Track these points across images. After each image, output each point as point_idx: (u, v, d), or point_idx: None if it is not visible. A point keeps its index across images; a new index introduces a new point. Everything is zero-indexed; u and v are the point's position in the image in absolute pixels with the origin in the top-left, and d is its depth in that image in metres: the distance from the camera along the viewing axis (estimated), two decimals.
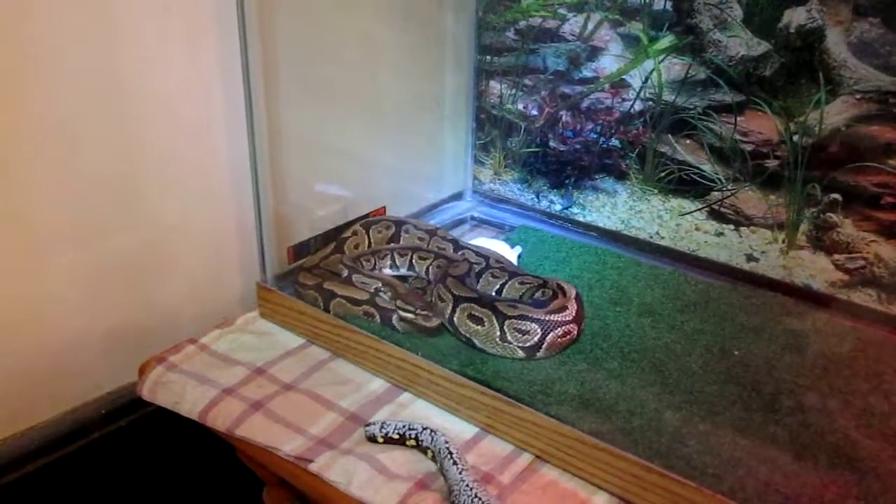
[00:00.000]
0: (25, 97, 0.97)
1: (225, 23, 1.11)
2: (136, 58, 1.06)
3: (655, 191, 1.38)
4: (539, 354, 1.04)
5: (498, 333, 1.03)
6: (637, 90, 1.34)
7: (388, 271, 1.23)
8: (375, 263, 1.22)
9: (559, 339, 1.04)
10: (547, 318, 1.03)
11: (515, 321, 1.03)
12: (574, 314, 1.06)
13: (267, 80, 1.12)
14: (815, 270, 1.24)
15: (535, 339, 1.03)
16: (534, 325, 1.03)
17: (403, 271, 1.25)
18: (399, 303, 1.07)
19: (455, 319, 1.07)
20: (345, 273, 1.16)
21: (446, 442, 0.89)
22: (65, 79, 1.00)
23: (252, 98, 1.10)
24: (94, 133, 1.05)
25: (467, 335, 1.06)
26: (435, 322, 1.03)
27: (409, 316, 1.05)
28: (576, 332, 1.06)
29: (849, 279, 1.22)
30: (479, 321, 1.05)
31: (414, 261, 1.24)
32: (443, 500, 0.85)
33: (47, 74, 0.98)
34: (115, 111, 1.06)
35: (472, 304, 1.06)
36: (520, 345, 1.03)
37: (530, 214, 1.56)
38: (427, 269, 1.23)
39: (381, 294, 1.11)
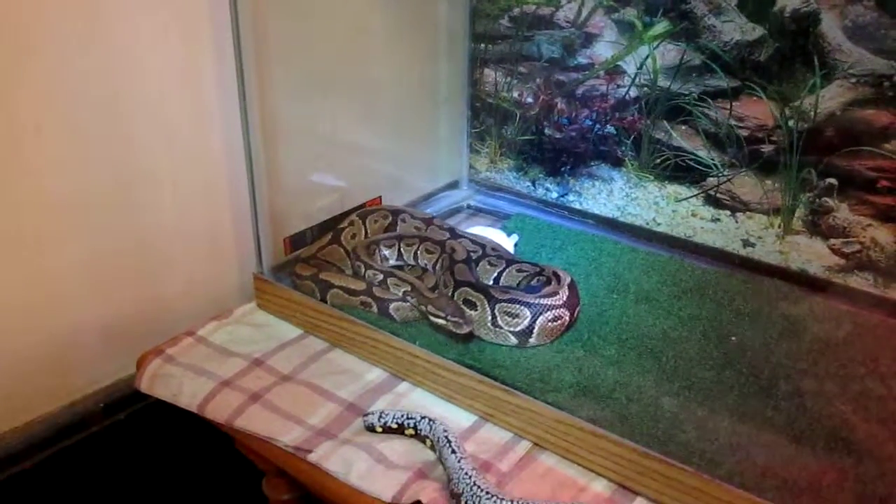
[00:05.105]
0: (23, 96, 0.97)
1: (218, 13, 1.10)
2: (131, 51, 1.06)
3: (651, 177, 1.38)
4: (532, 340, 1.04)
5: (489, 317, 1.04)
6: (632, 77, 1.34)
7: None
8: (365, 258, 1.21)
9: (549, 324, 1.04)
10: (536, 302, 1.03)
11: (506, 304, 1.03)
12: (565, 299, 1.06)
13: (260, 71, 1.11)
14: (812, 255, 1.25)
15: (525, 323, 1.03)
16: (523, 308, 1.03)
17: (393, 261, 1.25)
18: (430, 308, 1.05)
19: None
20: (380, 277, 1.14)
21: (445, 430, 0.90)
22: (59, 73, 0.99)
23: (246, 89, 1.09)
24: (92, 128, 1.04)
25: None
26: (466, 329, 1.01)
27: (441, 322, 1.04)
28: (568, 318, 1.06)
29: (845, 263, 1.22)
30: (472, 305, 1.05)
31: (402, 248, 1.24)
32: (442, 488, 0.85)
33: (44, 71, 0.98)
34: (109, 106, 1.06)
35: (468, 289, 1.07)
36: (510, 329, 1.03)
37: (526, 202, 1.55)
38: (415, 254, 1.23)
39: (409, 298, 1.10)
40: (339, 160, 1.38)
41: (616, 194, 1.43)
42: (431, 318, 1.05)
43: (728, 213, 1.31)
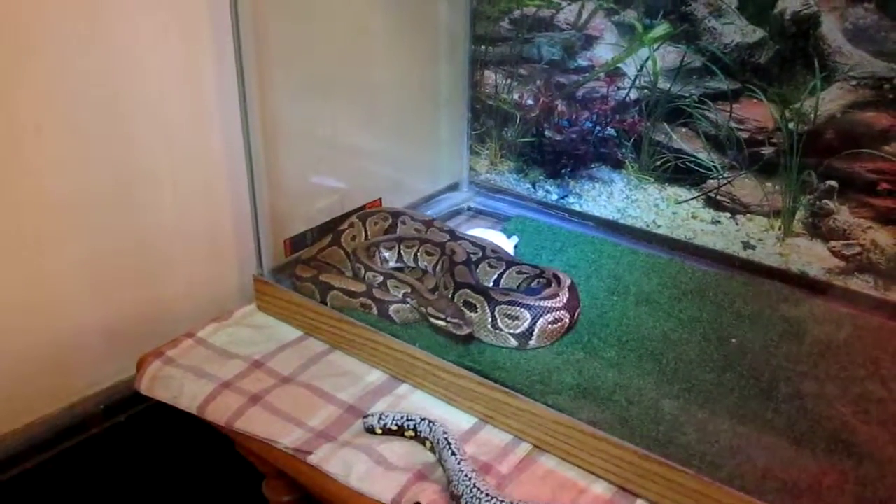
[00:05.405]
0: (23, 96, 0.97)
1: (218, 14, 1.10)
2: (131, 52, 1.06)
3: (652, 179, 1.38)
4: (532, 343, 1.04)
5: (490, 319, 1.04)
6: (632, 79, 1.34)
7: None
8: (365, 260, 1.21)
9: (550, 327, 1.04)
10: (536, 304, 1.03)
11: (506, 307, 1.03)
12: (565, 302, 1.06)
13: (261, 72, 1.11)
14: (812, 257, 1.25)
15: (525, 325, 1.03)
16: (523, 310, 1.03)
17: (393, 263, 1.25)
18: (430, 310, 1.05)
19: None
20: (379, 279, 1.14)
21: (445, 432, 0.90)
22: (59, 73, 0.99)
23: (246, 90, 1.09)
24: (92, 128, 1.04)
25: None
26: (466, 330, 1.01)
27: (441, 324, 1.03)
28: (568, 321, 1.06)
29: (845, 266, 1.22)
30: (472, 307, 1.05)
31: (402, 250, 1.24)
32: (442, 490, 0.85)
33: (44, 71, 0.98)
34: (109, 107, 1.06)
35: (468, 290, 1.07)
36: (511, 331, 1.03)
37: (526, 204, 1.55)
38: (415, 256, 1.23)
39: (409, 300, 1.10)
40: (340, 162, 1.38)
41: (616, 196, 1.43)
42: (431, 319, 1.05)
43: (728, 215, 1.31)
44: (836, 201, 1.20)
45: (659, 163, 1.36)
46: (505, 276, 1.19)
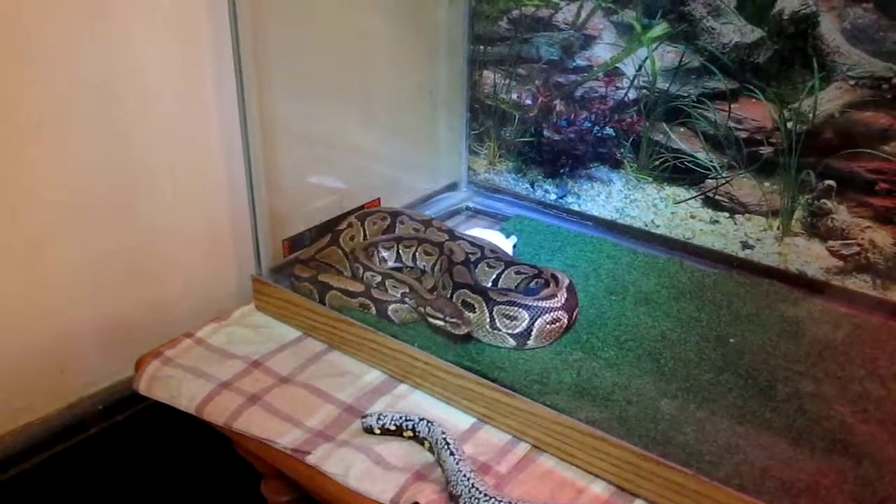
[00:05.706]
0: (23, 96, 0.97)
1: (217, 14, 1.10)
2: (130, 52, 1.06)
3: (650, 179, 1.38)
4: (530, 343, 1.04)
5: (488, 319, 1.04)
6: (631, 78, 1.34)
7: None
8: (364, 260, 1.21)
9: (548, 327, 1.04)
10: (535, 304, 1.03)
11: (504, 307, 1.03)
12: (563, 302, 1.06)
13: (259, 73, 1.11)
14: (811, 257, 1.25)
15: (524, 325, 1.03)
16: (522, 311, 1.03)
17: (392, 263, 1.25)
18: (428, 309, 1.05)
19: None
20: (378, 279, 1.14)
21: (443, 432, 0.90)
22: (58, 75, 0.99)
23: (245, 91, 1.09)
24: (92, 128, 1.04)
25: None
26: (464, 330, 1.01)
27: (439, 323, 1.03)
28: (566, 321, 1.06)
29: (844, 265, 1.22)
30: (471, 307, 1.05)
31: (401, 250, 1.24)
32: (440, 490, 0.85)
33: (44, 71, 0.98)
34: (108, 108, 1.06)
35: (466, 291, 1.07)
36: (509, 331, 1.03)
37: (525, 204, 1.55)
38: (413, 255, 1.23)
39: (407, 300, 1.10)
40: (338, 162, 1.38)
41: (615, 196, 1.43)
42: (430, 319, 1.05)
43: (727, 214, 1.31)
44: (835, 201, 1.20)
45: (657, 162, 1.36)
46: (503, 275, 1.19)
